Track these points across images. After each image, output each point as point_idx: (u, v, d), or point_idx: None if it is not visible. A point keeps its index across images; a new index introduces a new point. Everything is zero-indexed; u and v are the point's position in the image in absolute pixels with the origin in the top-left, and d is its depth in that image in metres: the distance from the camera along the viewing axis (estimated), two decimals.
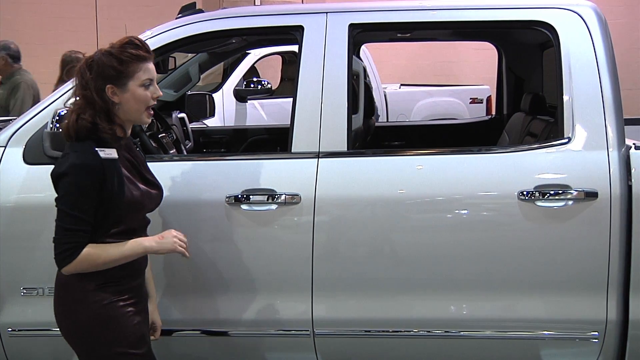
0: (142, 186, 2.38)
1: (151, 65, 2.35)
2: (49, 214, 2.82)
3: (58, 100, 2.90)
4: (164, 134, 3.88)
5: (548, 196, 2.74)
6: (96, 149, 2.24)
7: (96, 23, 9.74)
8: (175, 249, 2.36)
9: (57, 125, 2.68)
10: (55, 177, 2.27)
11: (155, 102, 2.39)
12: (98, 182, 2.22)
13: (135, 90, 2.30)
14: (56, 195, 2.27)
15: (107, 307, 2.29)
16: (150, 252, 2.37)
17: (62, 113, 2.68)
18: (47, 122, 2.75)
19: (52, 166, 2.86)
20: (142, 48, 2.32)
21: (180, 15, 3.18)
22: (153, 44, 2.78)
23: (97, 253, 2.24)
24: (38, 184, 2.84)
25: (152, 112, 2.39)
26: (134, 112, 2.33)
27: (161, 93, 2.40)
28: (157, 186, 2.49)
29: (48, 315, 2.87)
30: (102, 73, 2.27)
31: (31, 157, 2.86)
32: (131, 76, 2.29)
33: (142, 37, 2.98)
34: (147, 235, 2.44)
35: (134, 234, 2.35)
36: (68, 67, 5.46)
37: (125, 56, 2.28)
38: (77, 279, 2.27)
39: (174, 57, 4.51)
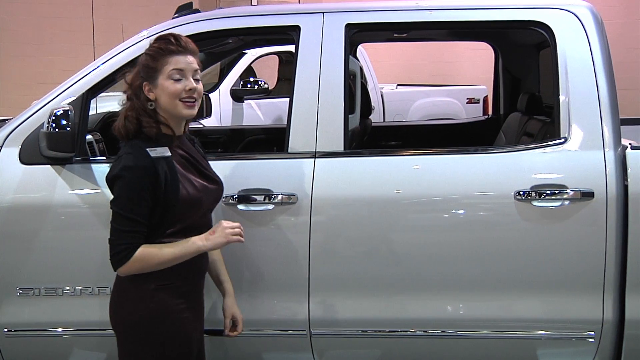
0: (198, 182, 2.36)
1: (183, 58, 2.29)
2: (44, 214, 2.83)
3: (54, 100, 2.89)
4: None
5: (544, 196, 2.74)
6: (147, 149, 2.23)
7: (92, 23, 9.71)
8: (230, 240, 2.32)
9: (54, 125, 2.68)
10: (110, 180, 2.25)
11: (188, 95, 2.30)
12: (151, 182, 2.20)
13: (163, 84, 2.28)
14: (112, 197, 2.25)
15: (162, 310, 2.27)
16: (204, 250, 2.32)
17: (58, 113, 2.67)
18: (43, 122, 2.74)
19: (48, 166, 2.87)
20: (173, 42, 2.30)
21: (176, 15, 3.17)
22: None
23: (151, 253, 2.21)
24: (34, 184, 2.84)
25: (189, 103, 2.31)
26: (169, 106, 2.30)
27: (194, 85, 2.30)
28: (216, 181, 2.46)
29: (44, 316, 2.88)
30: (140, 72, 2.31)
31: (27, 157, 2.85)
32: (160, 70, 2.28)
33: (138, 37, 2.98)
34: None
35: (194, 234, 2.31)
36: None
37: (154, 51, 2.29)
38: (134, 280, 2.26)
39: None
